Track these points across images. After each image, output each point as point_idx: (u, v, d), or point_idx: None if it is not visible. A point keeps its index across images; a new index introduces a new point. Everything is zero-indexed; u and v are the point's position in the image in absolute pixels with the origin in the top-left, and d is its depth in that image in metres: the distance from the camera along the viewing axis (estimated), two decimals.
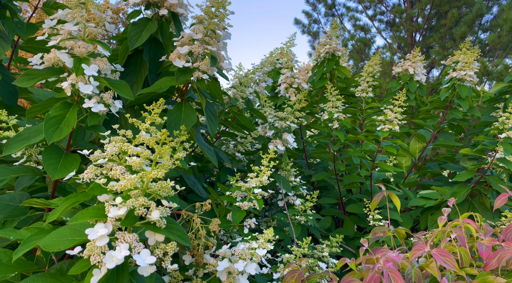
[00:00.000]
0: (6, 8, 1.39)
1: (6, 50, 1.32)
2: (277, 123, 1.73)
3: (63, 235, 0.67)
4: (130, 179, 0.64)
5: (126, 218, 0.64)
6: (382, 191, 1.28)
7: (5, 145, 0.94)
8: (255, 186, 1.18)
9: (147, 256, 0.62)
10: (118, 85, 0.96)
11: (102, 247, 0.61)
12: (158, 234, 0.67)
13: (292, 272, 0.79)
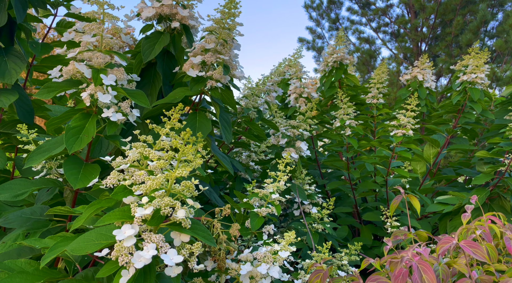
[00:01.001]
0: (21, 29, 1.43)
1: (22, 69, 1.35)
2: (289, 131, 1.74)
3: (89, 239, 0.67)
4: (156, 179, 0.65)
5: (152, 218, 0.64)
6: (400, 194, 1.27)
7: (27, 157, 0.96)
8: (272, 192, 1.18)
9: (174, 256, 0.62)
10: (135, 94, 0.98)
11: (129, 247, 0.61)
12: (183, 235, 0.67)
13: (317, 272, 0.78)
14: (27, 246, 1.10)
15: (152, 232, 0.65)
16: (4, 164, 1.32)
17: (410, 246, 0.73)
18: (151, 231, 0.66)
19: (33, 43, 1.49)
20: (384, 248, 0.87)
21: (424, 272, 0.60)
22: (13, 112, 1.64)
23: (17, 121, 1.49)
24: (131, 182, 0.71)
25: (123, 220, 0.65)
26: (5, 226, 1.00)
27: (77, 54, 0.92)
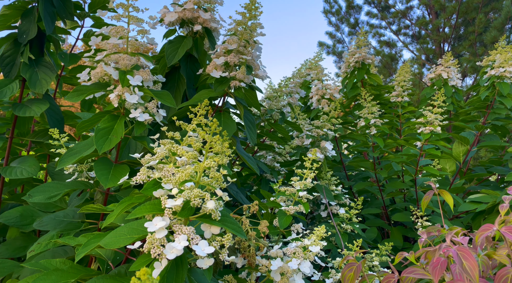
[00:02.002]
0: (50, 40, 1.49)
1: (52, 79, 1.40)
2: (313, 132, 1.72)
3: (122, 234, 0.68)
4: (185, 170, 0.65)
5: (182, 209, 0.65)
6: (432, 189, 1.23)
7: (59, 160, 0.98)
8: (299, 189, 1.17)
9: (205, 247, 0.62)
10: (161, 94, 1.00)
11: (161, 239, 0.62)
12: (213, 227, 0.67)
13: (350, 265, 0.76)
14: (61, 248, 1.13)
15: (182, 224, 0.65)
16: (37, 171, 1.36)
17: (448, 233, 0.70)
18: (181, 223, 0.66)
19: (62, 54, 1.55)
20: (419, 240, 0.84)
21: (465, 258, 0.57)
22: (44, 121, 1.70)
23: (48, 130, 1.54)
24: (160, 175, 0.71)
25: (154, 212, 0.66)
26: (40, 229, 1.03)
27: (104, 56, 0.95)
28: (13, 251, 1.36)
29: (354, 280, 0.75)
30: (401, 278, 0.72)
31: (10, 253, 1.34)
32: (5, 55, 1.37)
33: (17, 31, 1.36)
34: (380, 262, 1.49)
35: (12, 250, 1.36)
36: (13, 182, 1.64)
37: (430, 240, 1.16)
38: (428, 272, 0.70)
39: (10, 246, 1.38)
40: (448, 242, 0.63)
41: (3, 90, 1.35)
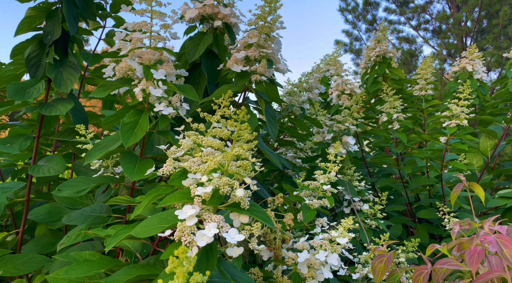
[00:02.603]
0: (74, 41, 1.52)
1: (76, 78, 1.42)
2: (335, 127, 1.70)
3: (152, 223, 0.68)
4: (214, 157, 0.65)
5: (212, 197, 0.64)
6: (461, 182, 1.19)
7: (86, 155, 1.00)
8: (323, 183, 1.15)
9: (235, 235, 0.62)
10: (183, 88, 1.00)
11: (191, 227, 0.61)
12: (242, 216, 0.67)
13: (380, 256, 0.74)
14: (89, 243, 1.15)
15: (211, 213, 0.65)
16: (64, 169, 1.39)
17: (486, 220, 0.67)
18: (210, 212, 0.66)
19: (85, 54, 1.58)
20: (452, 232, 0.82)
21: (505, 246, 0.55)
22: (69, 121, 1.74)
23: (72, 129, 1.57)
24: (189, 164, 0.71)
25: (184, 201, 0.66)
26: (69, 223, 1.05)
27: (128, 51, 0.96)
28: (42, 247, 1.39)
29: (384, 272, 0.73)
30: (434, 270, 0.70)
31: (39, 249, 1.37)
32: (31, 56, 1.41)
33: (42, 32, 1.40)
34: (407, 259, 1.46)
35: (41, 246, 1.39)
36: (40, 181, 1.68)
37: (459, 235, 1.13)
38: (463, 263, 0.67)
39: (39, 242, 1.41)
40: (486, 229, 0.61)
41: (29, 90, 1.38)
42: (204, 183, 0.65)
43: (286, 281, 0.85)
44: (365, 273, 1.07)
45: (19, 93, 1.32)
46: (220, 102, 0.85)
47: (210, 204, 0.64)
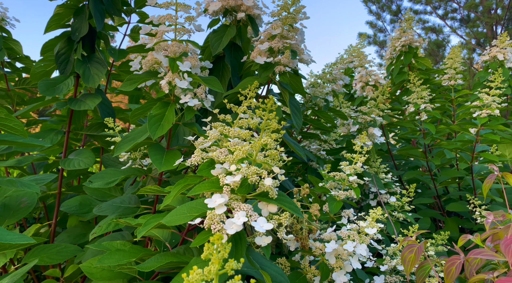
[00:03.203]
0: (100, 37, 1.55)
1: (103, 74, 1.45)
2: (360, 118, 1.67)
3: (181, 212, 0.69)
4: (243, 147, 0.65)
5: (240, 186, 0.65)
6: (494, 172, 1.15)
7: (115, 147, 1.02)
8: (349, 174, 1.14)
9: (264, 223, 0.62)
10: (208, 80, 1.01)
11: (221, 215, 0.62)
12: (271, 205, 0.67)
13: (410, 246, 0.72)
14: (119, 234, 1.18)
15: (240, 202, 0.65)
16: (93, 162, 1.42)
17: None
18: (239, 201, 0.66)
19: (111, 50, 1.61)
20: (485, 222, 0.79)
21: None
22: (97, 116, 1.78)
23: (100, 123, 1.61)
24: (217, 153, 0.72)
25: (213, 190, 0.66)
26: (100, 214, 1.08)
27: (154, 44, 0.97)
28: (73, 238, 1.44)
29: (415, 262, 0.71)
30: (467, 260, 0.68)
31: (71, 240, 1.42)
32: (60, 53, 1.45)
33: (70, 29, 1.43)
34: (436, 252, 1.42)
35: (73, 237, 1.44)
36: (71, 174, 1.73)
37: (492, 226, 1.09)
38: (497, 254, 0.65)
39: (71, 233, 1.45)
40: None
41: (59, 86, 1.42)
42: (233, 172, 0.65)
43: (314, 271, 0.85)
44: (393, 265, 1.05)
45: (49, 89, 1.36)
46: (246, 93, 0.85)
47: (239, 193, 0.65)
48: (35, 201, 1.12)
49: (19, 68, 1.65)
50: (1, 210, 1.06)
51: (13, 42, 1.54)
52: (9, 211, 1.07)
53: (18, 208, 1.08)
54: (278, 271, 0.71)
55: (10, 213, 1.06)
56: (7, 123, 0.83)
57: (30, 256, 1.10)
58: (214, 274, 0.37)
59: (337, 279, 0.80)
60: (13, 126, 0.84)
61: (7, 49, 1.54)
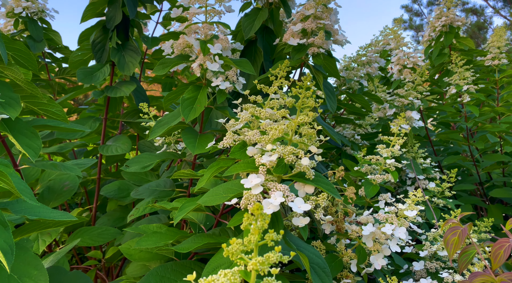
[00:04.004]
0: (133, 25, 1.57)
1: (137, 61, 1.48)
2: (397, 101, 1.61)
3: (217, 193, 0.69)
4: (279, 125, 0.64)
5: (277, 166, 0.64)
6: None
7: (150, 131, 1.04)
8: (386, 157, 1.10)
9: (301, 204, 0.61)
10: (240, 62, 1.00)
11: (257, 195, 0.61)
12: (307, 186, 0.65)
13: (453, 229, 0.69)
14: (155, 217, 1.20)
15: (276, 182, 0.65)
16: (130, 148, 1.46)
17: None
18: (275, 182, 0.65)
19: (144, 37, 1.63)
20: None
21: None
22: (132, 104, 1.82)
23: (136, 110, 1.64)
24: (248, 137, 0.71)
25: (249, 170, 0.66)
26: (137, 197, 1.10)
27: (185, 27, 0.97)
28: (113, 221, 1.49)
29: (458, 245, 0.68)
30: None
31: (110, 223, 1.47)
32: (96, 42, 1.48)
33: (105, 18, 1.46)
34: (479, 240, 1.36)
35: (112, 221, 1.49)
36: (109, 161, 1.79)
37: None
38: None
39: (110, 217, 1.51)
40: None
41: (96, 74, 1.46)
42: (269, 151, 0.64)
43: (350, 254, 0.83)
44: (433, 250, 1.01)
45: (87, 76, 1.41)
46: (277, 73, 0.83)
47: (276, 173, 0.64)
48: (77, 185, 1.16)
49: (58, 58, 1.71)
50: (46, 193, 1.11)
51: (53, 33, 1.59)
52: (53, 194, 1.12)
53: (61, 191, 1.13)
54: (315, 253, 0.70)
55: (54, 196, 1.11)
56: (49, 109, 0.86)
57: (73, 237, 1.15)
58: (254, 245, 0.37)
59: (375, 262, 0.78)
60: (55, 111, 0.87)
61: (47, 40, 1.60)
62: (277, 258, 0.38)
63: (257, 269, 0.37)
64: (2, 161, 0.59)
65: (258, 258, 0.37)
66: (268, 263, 0.37)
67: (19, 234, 0.73)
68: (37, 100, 0.82)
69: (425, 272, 1.03)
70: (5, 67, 0.72)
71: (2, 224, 0.57)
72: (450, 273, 0.91)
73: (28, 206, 0.67)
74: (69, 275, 0.80)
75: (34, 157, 0.74)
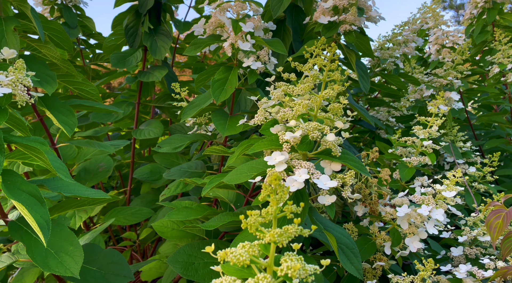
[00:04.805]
0: (165, 9, 1.57)
1: (169, 45, 1.48)
2: (435, 82, 1.54)
3: (242, 171, 0.68)
4: (302, 101, 0.62)
5: (301, 143, 0.62)
6: None
7: (181, 112, 1.05)
8: (423, 138, 1.05)
9: (327, 181, 0.59)
10: (272, 42, 0.98)
11: (281, 172, 0.60)
12: (334, 163, 0.63)
13: (497, 212, 0.65)
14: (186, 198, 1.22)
15: (301, 160, 0.63)
16: (162, 132, 1.48)
17: None
18: (299, 159, 0.64)
19: (176, 22, 1.64)
20: None
21: None
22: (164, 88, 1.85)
23: (167, 95, 1.66)
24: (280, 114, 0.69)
25: (272, 147, 0.64)
26: (168, 178, 1.12)
27: (217, 6, 0.96)
28: (146, 203, 1.53)
29: (502, 229, 0.64)
30: None
31: (143, 204, 1.51)
32: (129, 27, 1.50)
33: (137, 2, 1.47)
34: None
35: (146, 202, 1.53)
36: (142, 145, 1.83)
37: None
38: None
39: (143, 199, 1.55)
40: None
41: (129, 58, 1.48)
42: (293, 128, 0.63)
43: (384, 237, 0.80)
44: (473, 235, 0.96)
45: (120, 61, 1.43)
46: (312, 51, 0.81)
47: (300, 150, 0.62)
48: (111, 166, 1.20)
49: (92, 44, 1.75)
50: (82, 173, 1.15)
51: (87, 19, 1.62)
52: (89, 174, 1.16)
53: (96, 172, 1.16)
54: (343, 233, 0.68)
55: (90, 176, 1.15)
56: (83, 88, 0.88)
57: (108, 216, 1.19)
58: (273, 216, 0.36)
59: (410, 245, 0.75)
60: (89, 90, 0.89)
61: (81, 26, 1.63)
62: (296, 231, 0.36)
63: (275, 240, 0.36)
64: (38, 139, 0.61)
65: (276, 229, 0.36)
66: (287, 235, 0.36)
67: (56, 211, 0.76)
68: (72, 78, 0.84)
69: (463, 258, 0.99)
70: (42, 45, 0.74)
71: (38, 200, 0.59)
72: (492, 259, 0.86)
73: (64, 184, 0.69)
74: (103, 253, 0.83)
75: (70, 132, 0.77)
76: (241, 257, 0.36)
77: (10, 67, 0.56)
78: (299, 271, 0.35)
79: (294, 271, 0.34)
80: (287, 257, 0.36)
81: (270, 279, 0.34)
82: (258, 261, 0.37)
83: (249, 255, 0.36)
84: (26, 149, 0.59)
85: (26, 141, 0.58)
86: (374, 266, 0.80)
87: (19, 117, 0.61)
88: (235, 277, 0.37)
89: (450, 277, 0.83)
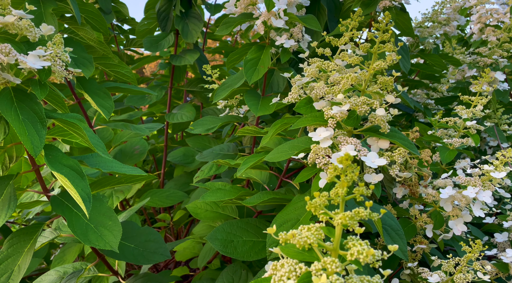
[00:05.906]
0: None
1: (200, 28, 1.48)
2: (478, 61, 1.45)
3: (283, 150, 0.67)
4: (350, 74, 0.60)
5: (348, 118, 0.60)
6: None
7: (213, 93, 1.04)
8: (466, 118, 1.00)
9: (375, 158, 0.56)
10: (306, 19, 0.95)
11: (326, 149, 0.58)
12: (382, 140, 0.61)
13: None
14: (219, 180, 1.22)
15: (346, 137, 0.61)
16: (194, 115, 1.49)
17: None
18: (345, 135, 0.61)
19: (207, 5, 1.63)
20: None
21: None
22: (196, 73, 1.85)
23: (199, 79, 1.66)
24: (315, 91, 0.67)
25: (316, 123, 0.62)
26: (201, 160, 1.13)
27: None
28: (179, 186, 1.55)
29: None
30: None
31: (177, 188, 1.54)
32: (161, 11, 1.50)
33: None
34: None
35: (179, 185, 1.55)
36: (175, 129, 1.85)
37: None
38: None
39: (177, 182, 1.57)
40: None
41: (161, 42, 1.49)
42: (341, 101, 0.60)
43: (425, 219, 0.77)
44: None
45: (153, 45, 1.44)
46: (348, 24, 0.77)
47: (347, 125, 0.60)
48: (146, 148, 1.21)
49: (126, 30, 1.77)
50: (119, 155, 1.18)
51: (120, 5, 1.64)
52: (125, 156, 1.18)
53: (132, 154, 1.19)
54: (388, 215, 0.66)
55: (126, 158, 1.17)
56: (119, 70, 0.89)
57: (144, 197, 1.21)
58: (342, 199, 0.34)
59: (454, 228, 0.72)
60: (124, 73, 0.89)
61: (115, 12, 1.65)
62: (367, 214, 0.35)
63: (347, 223, 0.34)
64: (77, 116, 0.62)
65: (346, 212, 0.34)
66: (358, 217, 0.34)
67: (95, 188, 0.77)
68: (108, 61, 0.85)
69: (508, 245, 0.94)
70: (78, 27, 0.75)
71: (79, 174, 0.60)
72: None
73: (102, 160, 0.70)
74: (141, 230, 0.84)
75: (107, 115, 0.78)
76: (308, 240, 0.35)
77: (49, 42, 0.57)
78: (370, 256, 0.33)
79: (366, 256, 0.33)
80: (354, 242, 0.35)
81: (338, 264, 0.33)
82: (323, 244, 0.36)
83: (316, 238, 0.35)
84: (65, 125, 0.60)
85: (65, 117, 0.59)
86: (415, 249, 0.77)
87: (58, 94, 0.62)
88: (297, 259, 0.36)
89: (494, 263, 0.78)
